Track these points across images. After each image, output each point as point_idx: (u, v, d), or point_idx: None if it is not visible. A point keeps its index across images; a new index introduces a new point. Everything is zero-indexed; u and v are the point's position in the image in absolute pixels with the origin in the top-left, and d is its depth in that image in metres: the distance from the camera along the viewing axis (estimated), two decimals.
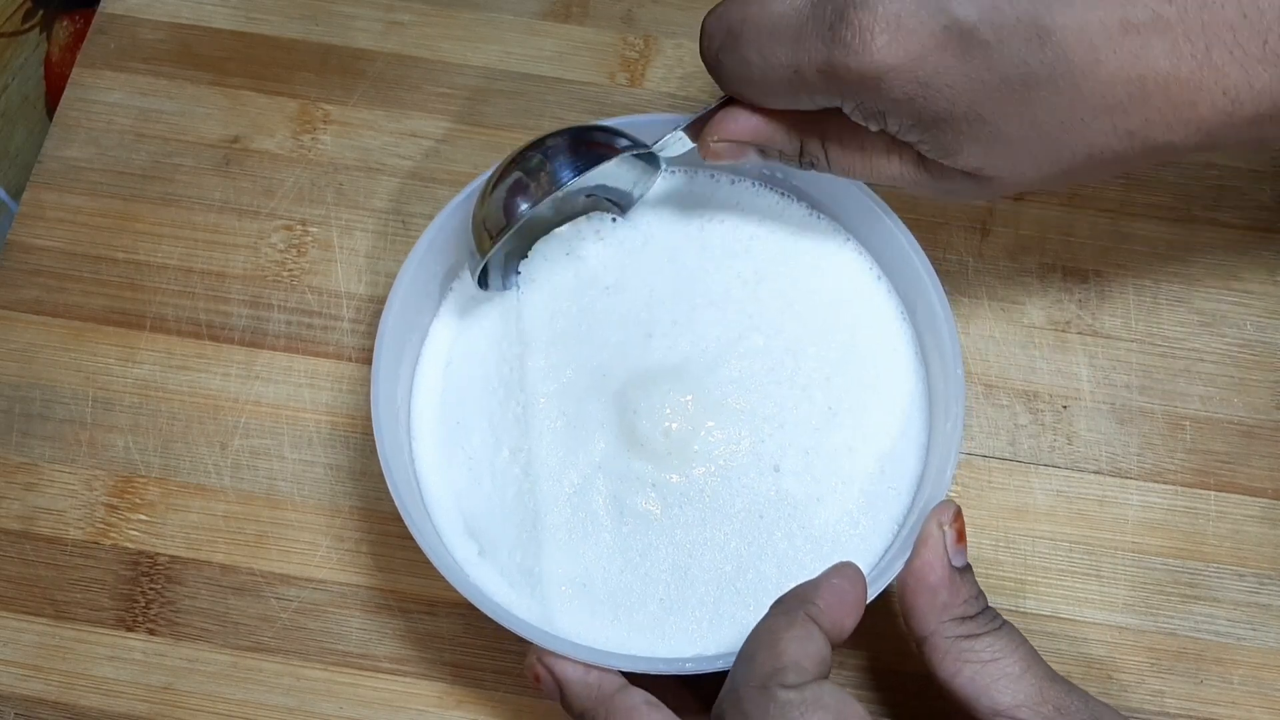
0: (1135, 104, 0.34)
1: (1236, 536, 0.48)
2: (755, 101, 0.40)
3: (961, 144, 0.36)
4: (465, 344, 0.46)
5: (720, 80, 0.40)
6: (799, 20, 0.36)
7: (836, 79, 0.36)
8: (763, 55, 0.37)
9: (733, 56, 0.38)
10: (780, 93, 0.38)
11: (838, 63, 0.35)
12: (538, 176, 0.42)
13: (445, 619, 0.47)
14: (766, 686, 0.34)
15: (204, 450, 0.49)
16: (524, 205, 0.42)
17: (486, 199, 0.42)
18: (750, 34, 0.37)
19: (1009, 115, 0.35)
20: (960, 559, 0.39)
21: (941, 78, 0.35)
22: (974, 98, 0.35)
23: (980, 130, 0.35)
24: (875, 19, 0.34)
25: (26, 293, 0.52)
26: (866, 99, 0.36)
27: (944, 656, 0.38)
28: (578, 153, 0.42)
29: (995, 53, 0.34)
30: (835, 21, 0.35)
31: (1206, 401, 0.50)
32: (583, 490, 0.43)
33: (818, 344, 0.45)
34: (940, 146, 0.37)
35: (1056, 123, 0.35)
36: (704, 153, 0.42)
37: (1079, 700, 0.37)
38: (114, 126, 0.54)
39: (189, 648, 0.47)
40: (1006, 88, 0.34)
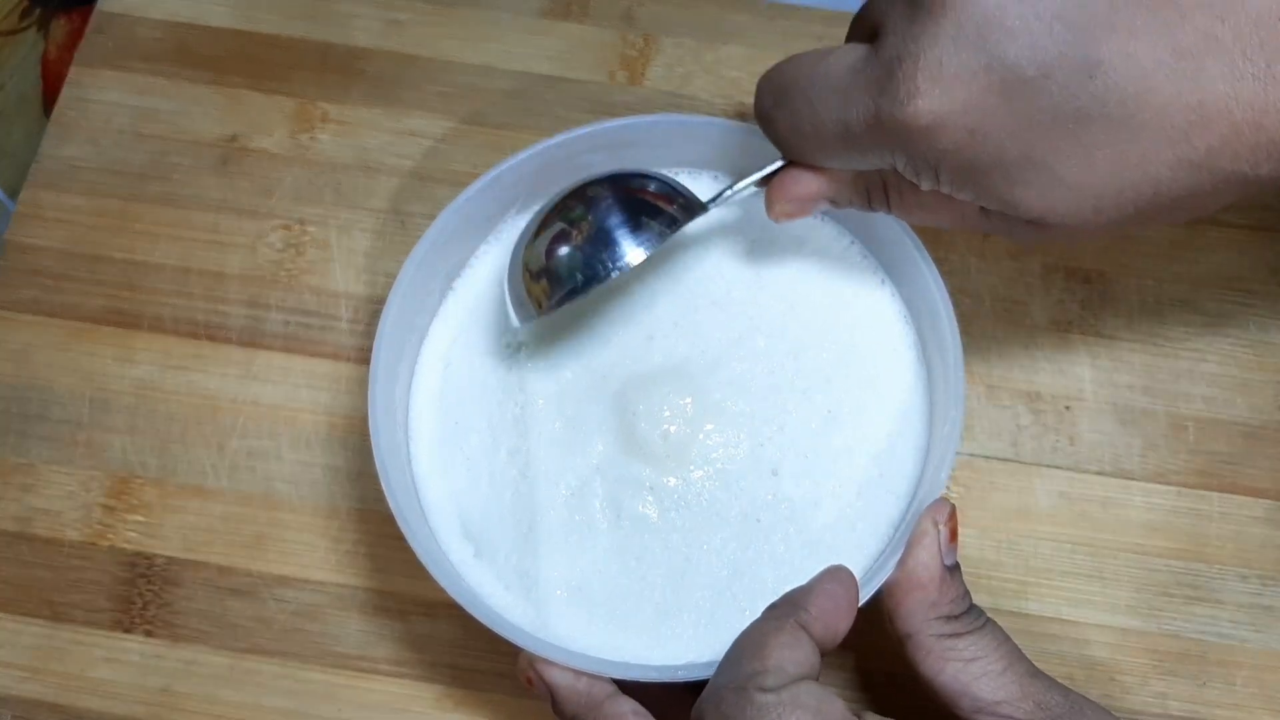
0: (1196, 131, 0.32)
1: (1240, 538, 0.48)
2: (809, 160, 0.39)
3: (1017, 193, 0.35)
4: (464, 344, 0.46)
5: (774, 139, 0.40)
6: (848, 77, 0.36)
7: (884, 132, 0.35)
8: (814, 113, 0.37)
9: (785, 115, 0.38)
10: (833, 150, 0.38)
11: (884, 115, 0.35)
12: (595, 263, 0.41)
13: (443, 621, 0.47)
14: (745, 688, 0.34)
15: (201, 451, 0.49)
16: (583, 282, 0.41)
17: (544, 265, 0.41)
18: (801, 92, 0.37)
19: (1063, 155, 0.34)
20: (951, 558, 0.39)
21: (989, 122, 0.34)
22: (1025, 140, 0.34)
23: (1035, 175, 0.34)
24: (918, 68, 0.33)
25: (24, 293, 0.52)
26: (916, 152, 0.35)
27: (927, 654, 0.38)
28: (637, 230, 0.41)
29: (1042, 90, 0.33)
30: (881, 75, 0.35)
31: (1210, 402, 0.49)
32: (580, 493, 0.43)
33: (819, 346, 0.45)
34: (997, 198, 0.35)
35: (1115, 159, 0.33)
36: (773, 215, 0.41)
37: (1059, 695, 0.38)
38: (111, 126, 0.54)
39: (187, 649, 0.47)
40: (1058, 126, 0.33)
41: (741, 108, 0.54)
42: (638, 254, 0.41)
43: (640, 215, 0.41)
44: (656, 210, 0.42)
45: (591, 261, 0.41)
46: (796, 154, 0.40)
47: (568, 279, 0.41)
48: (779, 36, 0.55)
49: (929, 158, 0.35)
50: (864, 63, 0.36)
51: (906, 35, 0.34)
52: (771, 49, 0.55)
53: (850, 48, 0.37)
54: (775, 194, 0.41)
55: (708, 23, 0.56)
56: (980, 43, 0.33)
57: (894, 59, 0.34)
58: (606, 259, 0.41)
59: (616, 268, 0.41)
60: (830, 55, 0.37)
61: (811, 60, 0.38)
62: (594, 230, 0.41)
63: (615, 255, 0.41)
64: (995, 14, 0.32)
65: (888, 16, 0.35)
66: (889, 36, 0.35)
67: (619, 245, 0.41)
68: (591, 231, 0.41)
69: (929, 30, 0.33)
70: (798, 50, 0.54)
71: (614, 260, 0.41)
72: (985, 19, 0.33)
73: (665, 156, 0.47)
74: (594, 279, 0.41)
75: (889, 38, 0.35)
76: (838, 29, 0.55)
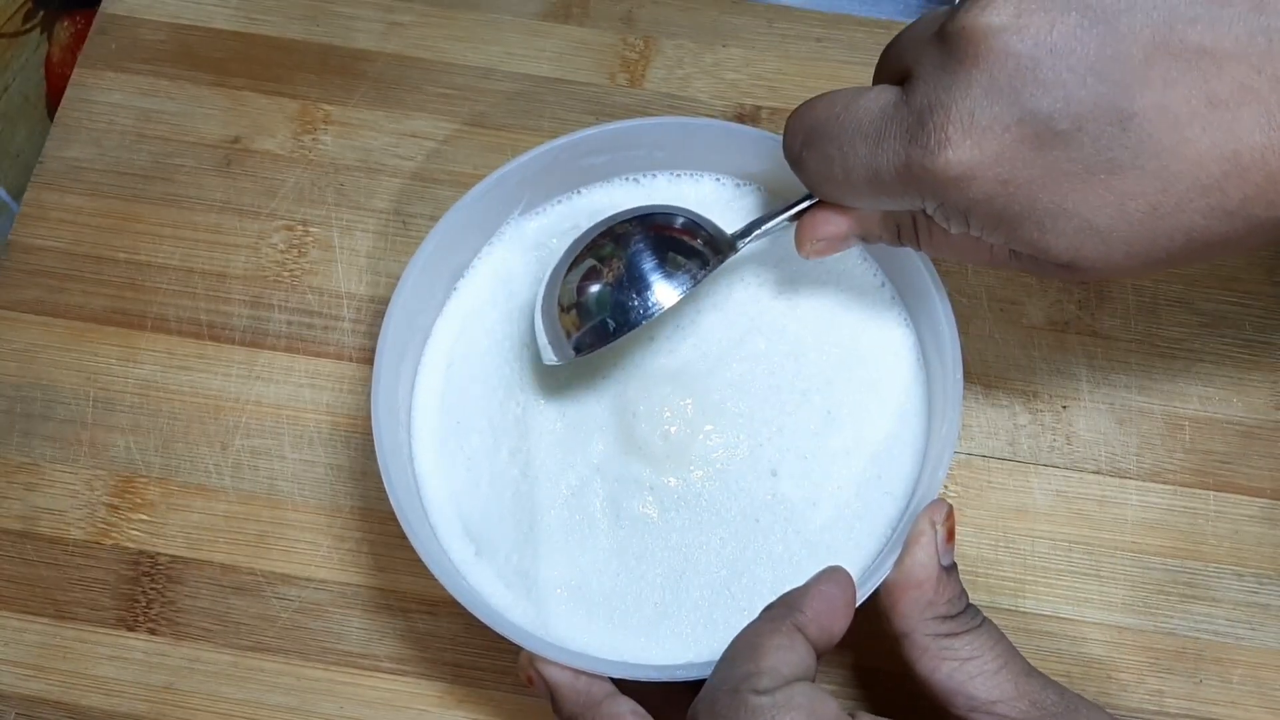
0: (1232, 181, 0.32)
1: (1235, 536, 0.48)
2: (838, 201, 0.39)
3: (1048, 239, 0.35)
4: (467, 344, 0.46)
5: (803, 178, 0.39)
6: (880, 122, 0.36)
7: (915, 180, 0.35)
8: (844, 155, 0.37)
9: (815, 156, 0.38)
10: (862, 193, 0.38)
11: (915, 163, 0.34)
12: (630, 309, 0.41)
13: (445, 619, 0.47)
14: (738, 690, 0.34)
15: (205, 450, 0.49)
16: (616, 328, 0.41)
17: (579, 305, 0.42)
18: (831, 137, 0.37)
19: (1095, 205, 0.33)
20: (948, 558, 0.39)
21: (1021, 172, 0.33)
22: (1057, 190, 0.34)
23: (1067, 223, 0.34)
24: (950, 118, 0.33)
25: (28, 293, 0.52)
26: (947, 200, 0.35)
27: (922, 653, 0.38)
28: (671, 273, 0.41)
29: (1075, 142, 0.33)
30: (913, 123, 0.34)
31: (1205, 402, 0.50)
32: (580, 493, 0.43)
33: (819, 347, 0.45)
34: (1028, 243, 0.35)
35: (1148, 209, 0.33)
36: (803, 253, 0.41)
37: (1054, 693, 0.38)
38: (115, 127, 0.54)
39: (190, 647, 0.47)
40: (1089, 177, 0.33)
41: (741, 109, 0.55)
42: (671, 297, 0.41)
43: (673, 256, 0.42)
44: (690, 250, 0.42)
45: (627, 307, 0.41)
46: (826, 196, 0.40)
47: (604, 324, 0.41)
48: (778, 39, 0.56)
49: (960, 206, 0.35)
50: (894, 108, 0.35)
51: (938, 84, 0.34)
52: (771, 51, 0.55)
53: (880, 90, 0.36)
54: (805, 232, 0.41)
55: (707, 25, 0.56)
56: (1013, 95, 0.33)
57: (925, 107, 0.34)
58: (641, 305, 0.41)
59: (651, 312, 0.41)
60: (860, 98, 0.37)
61: (841, 102, 0.37)
62: (629, 274, 0.41)
63: (649, 300, 0.41)
64: (1028, 66, 0.32)
65: (919, 63, 0.35)
66: (920, 83, 0.35)
67: (653, 290, 0.41)
68: (626, 276, 0.41)
69: (961, 80, 0.33)
70: (796, 52, 0.55)
71: (648, 306, 0.41)
72: (1018, 71, 0.32)
73: (666, 159, 0.47)
74: (629, 325, 0.41)
75: (920, 85, 0.34)
76: (836, 31, 0.56)
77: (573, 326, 0.42)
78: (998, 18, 0.33)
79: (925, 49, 0.35)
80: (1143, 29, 0.32)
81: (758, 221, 0.43)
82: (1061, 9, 0.32)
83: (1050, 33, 0.32)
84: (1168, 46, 0.32)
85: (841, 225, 0.40)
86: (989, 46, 0.33)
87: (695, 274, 0.42)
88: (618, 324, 0.41)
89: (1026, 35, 0.32)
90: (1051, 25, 0.32)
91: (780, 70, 0.55)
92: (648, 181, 0.48)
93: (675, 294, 0.41)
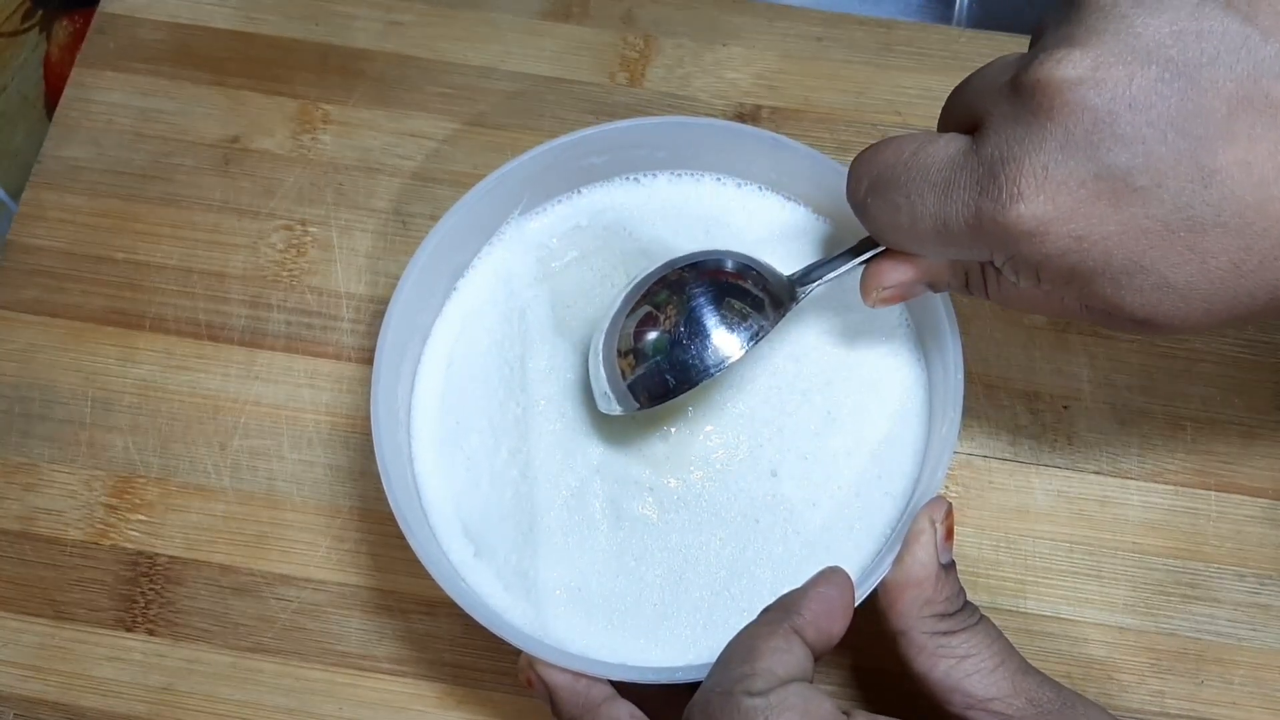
0: None
1: (1237, 537, 0.48)
2: (903, 249, 0.38)
3: (1123, 296, 0.34)
4: (467, 344, 0.46)
5: (867, 225, 0.39)
6: (949, 171, 0.35)
7: (985, 232, 0.34)
8: (911, 203, 0.36)
9: (880, 203, 0.37)
10: (928, 242, 0.37)
11: (986, 216, 0.34)
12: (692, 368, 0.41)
13: (445, 619, 0.47)
14: (732, 693, 0.34)
15: (203, 450, 0.49)
16: (677, 385, 0.41)
17: (637, 356, 0.41)
18: (898, 184, 0.36)
19: (1174, 263, 0.33)
20: (947, 556, 0.39)
21: (1097, 228, 0.32)
22: (1134, 247, 0.33)
23: (1143, 280, 0.33)
24: (1022, 172, 0.33)
25: (26, 293, 0.52)
26: (1019, 253, 0.34)
27: (920, 651, 0.38)
28: (734, 327, 0.41)
29: (1154, 198, 0.32)
30: (983, 175, 0.34)
31: (1207, 402, 0.50)
32: (580, 493, 0.43)
33: (819, 347, 0.45)
34: (1102, 299, 0.34)
35: (1229, 266, 0.32)
36: (869, 302, 0.40)
37: (1051, 691, 0.38)
38: (113, 126, 0.54)
39: (188, 648, 0.47)
40: (1169, 234, 0.32)
41: (741, 109, 0.54)
42: (736, 351, 0.41)
43: (736, 306, 0.41)
44: (754, 301, 0.41)
45: (688, 365, 0.41)
46: (892, 244, 0.39)
47: (664, 380, 0.41)
48: (778, 38, 0.56)
49: (1031, 260, 0.34)
50: (964, 157, 0.35)
51: (1010, 136, 0.33)
52: (771, 50, 0.55)
53: (949, 139, 0.36)
54: (871, 280, 0.40)
55: (707, 24, 0.56)
56: (1090, 149, 0.32)
57: (997, 159, 0.33)
58: (702, 361, 0.41)
59: (714, 369, 0.40)
60: (928, 145, 0.36)
61: (909, 149, 0.36)
62: (690, 328, 0.41)
63: (715, 356, 0.40)
64: (1106, 120, 0.32)
65: (990, 112, 0.34)
66: (991, 134, 0.34)
67: (717, 345, 0.41)
68: (688, 330, 0.41)
69: (1035, 133, 0.32)
70: (796, 51, 0.55)
71: (713, 362, 0.40)
72: (1095, 125, 0.32)
73: (667, 158, 0.47)
74: (691, 383, 0.41)
75: (992, 135, 0.34)
76: (837, 30, 0.56)
77: (635, 382, 0.41)
78: (1074, 70, 0.32)
79: (996, 99, 0.34)
80: (1225, 83, 0.31)
81: (819, 267, 0.42)
82: (1141, 62, 0.31)
83: (1129, 86, 0.31)
84: (1251, 101, 0.31)
85: (908, 273, 0.39)
86: (1064, 100, 0.32)
87: (758, 328, 0.41)
88: (678, 380, 0.41)
89: (1104, 89, 0.32)
90: (1130, 79, 0.31)
91: (781, 69, 0.55)
92: (648, 181, 0.48)
93: (740, 350, 0.41)
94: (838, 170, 0.45)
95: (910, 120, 0.54)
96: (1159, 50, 0.31)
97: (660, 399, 0.41)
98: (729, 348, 0.41)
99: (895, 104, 0.54)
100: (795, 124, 0.54)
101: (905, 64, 0.55)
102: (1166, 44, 0.31)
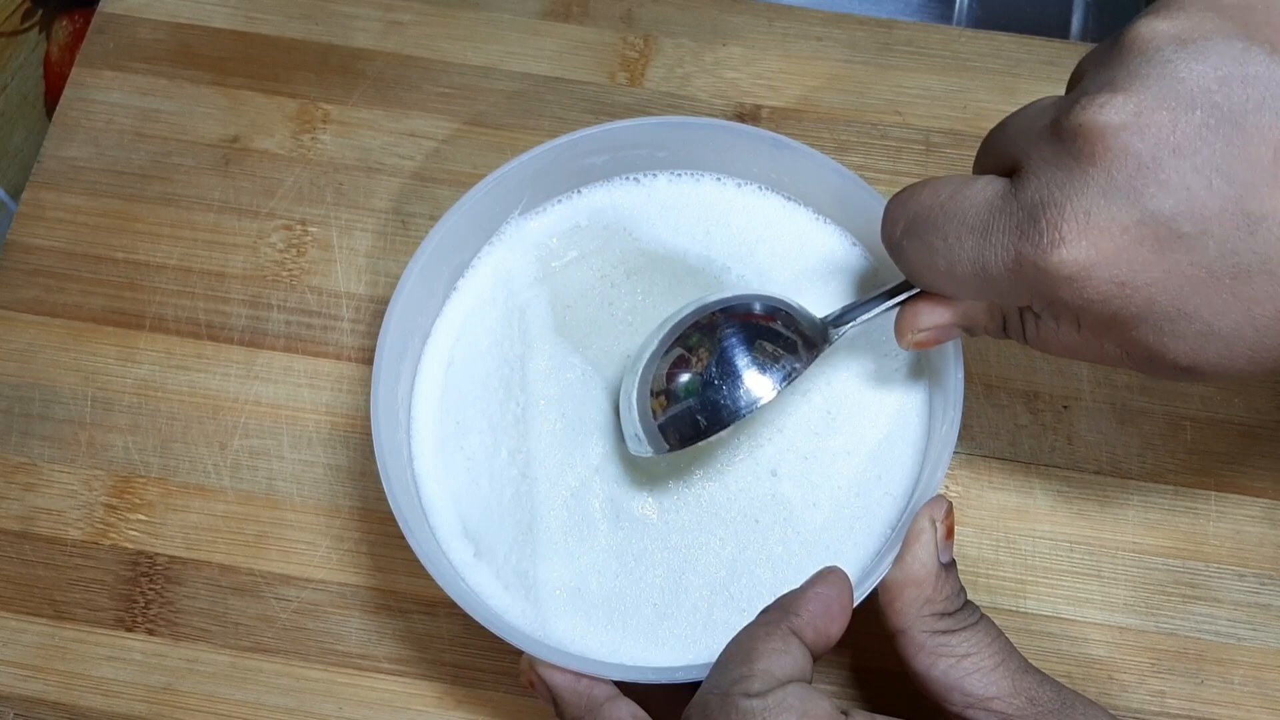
0: None
1: (1237, 537, 0.48)
2: (939, 291, 0.38)
3: (1166, 343, 0.33)
4: (467, 344, 0.46)
5: (903, 267, 0.38)
6: (987, 213, 0.34)
7: (1025, 277, 0.34)
8: (948, 246, 0.35)
9: (917, 244, 0.37)
10: (966, 285, 0.36)
11: (1026, 260, 0.33)
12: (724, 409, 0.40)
13: (444, 619, 0.47)
14: (729, 694, 0.34)
15: (203, 450, 0.49)
16: (708, 427, 0.40)
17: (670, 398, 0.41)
18: (936, 222, 0.36)
19: (1218, 310, 0.32)
20: (947, 555, 0.39)
21: (1140, 275, 0.32)
22: (1177, 293, 0.32)
23: (1187, 327, 0.33)
24: (1064, 216, 0.32)
25: (26, 292, 0.52)
26: (1059, 298, 0.34)
27: (919, 650, 0.38)
28: (766, 369, 0.40)
29: (1199, 245, 0.31)
30: (1023, 219, 0.33)
31: (1207, 402, 0.49)
32: (580, 493, 0.43)
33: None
34: (1144, 346, 0.34)
35: (1275, 314, 0.32)
36: (904, 345, 0.40)
37: (1051, 690, 0.38)
38: (113, 126, 0.54)
39: (188, 648, 0.47)
40: (1214, 281, 0.32)
41: (741, 108, 0.54)
42: (768, 393, 0.40)
43: (767, 349, 0.40)
44: (787, 343, 0.41)
45: (719, 405, 0.40)
46: (928, 286, 0.38)
47: (696, 421, 0.40)
48: (778, 37, 0.56)
49: (1072, 305, 0.34)
50: (1003, 200, 0.34)
51: (1051, 180, 0.33)
52: (771, 50, 0.55)
53: (987, 181, 0.35)
54: (906, 323, 0.40)
55: (707, 24, 0.56)
56: (1133, 195, 0.31)
57: (1038, 203, 0.33)
58: (736, 403, 0.40)
59: (746, 410, 0.40)
60: (966, 188, 0.35)
61: (946, 191, 0.36)
62: (722, 369, 0.40)
63: (746, 398, 0.40)
64: (1150, 166, 0.31)
65: (1029, 156, 0.34)
66: (1032, 177, 0.33)
67: (749, 389, 0.40)
68: (719, 370, 0.40)
69: (1077, 177, 0.32)
70: (796, 51, 0.55)
71: (746, 402, 0.40)
72: (1139, 171, 0.31)
73: (667, 158, 0.47)
74: (722, 424, 0.40)
75: (1032, 179, 0.33)
76: (837, 30, 0.56)
77: (667, 420, 0.41)
78: (1117, 115, 0.31)
79: (1036, 142, 0.34)
80: (1271, 128, 0.31)
81: (854, 309, 0.41)
82: (1185, 107, 0.31)
83: (1173, 132, 0.31)
84: None
85: (945, 316, 0.39)
86: (1107, 145, 0.31)
87: (790, 369, 0.40)
88: (710, 421, 0.40)
89: (1148, 134, 0.31)
90: (1175, 124, 0.31)
91: (781, 69, 0.55)
92: (648, 181, 0.48)
93: (772, 390, 0.40)
94: (838, 170, 0.45)
95: (910, 120, 0.54)
96: (1204, 95, 0.31)
97: (691, 440, 0.40)
98: (761, 389, 0.40)
99: (895, 104, 0.54)
100: (795, 124, 0.54)
101: (905, 64, 0.55)
102: (1211, 89, 0.31)
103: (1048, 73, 0.55)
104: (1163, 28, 0.32)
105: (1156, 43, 0.32)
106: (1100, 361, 0.37)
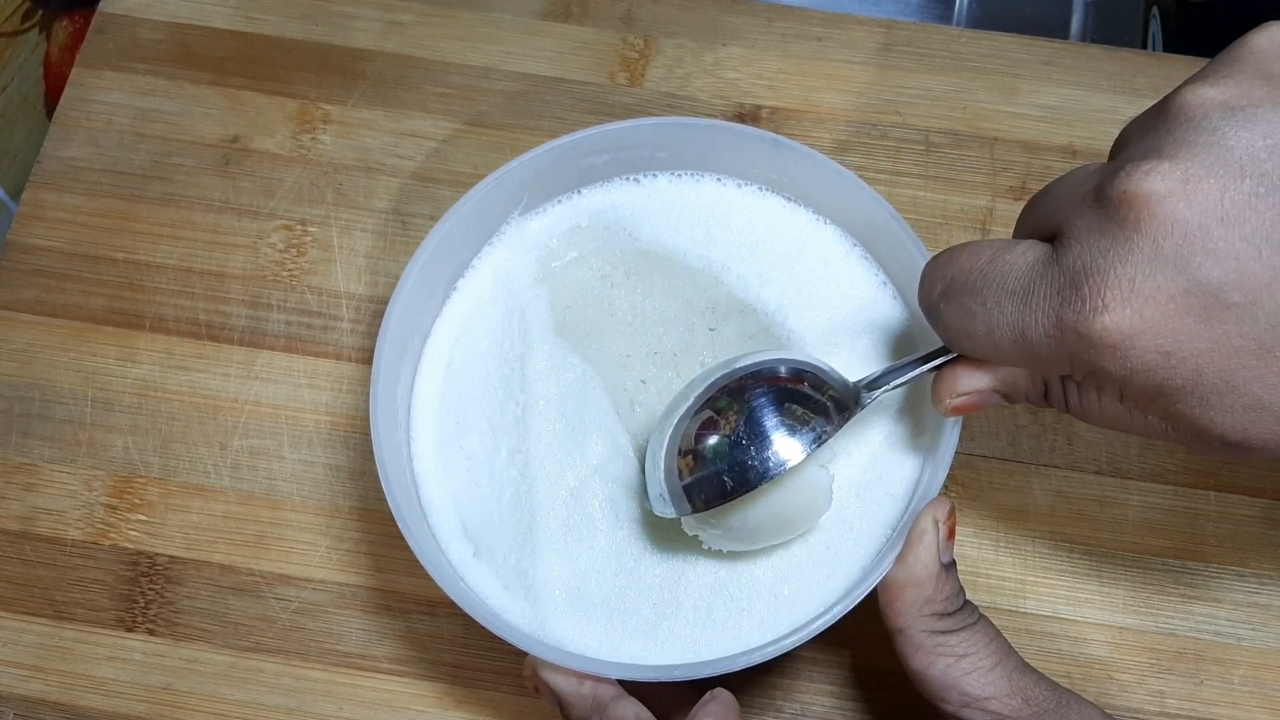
0: None
1: (1237, 537, 0.48)
2: (977, 356, 0.37)
3: (1213, 416, 0.32)
4: (467, 344, 0.46)
5: (940, 330, 0.37)
6: (1028, 278, 0.34)
7: (1066, 344, 0.33)
8: (987, 311, 0.35)
9: (955, 309, 0.36)
10: (1005, 351, 0.35)
11: (1068, 327, 0.32)
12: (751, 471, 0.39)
13: (445, 620, 0.47)
14: None
15: (203, 450, 0.49)
16: (735, 488, 0.39)
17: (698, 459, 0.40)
18: (974, 290, 0.35)
19: (1270, 383, 0.31)
20: (948, 555, 0.39)
21: (1186, 345, 0.31)
22: (1225, 365, 0.31)
23: (1235, 400, 0.32)
24: (1108, 283, 0.31)
25: (26, 293, 0.52)
26: (1101, 368, 0.33)
27: (917, 650, 0.38)
28: (795, 432, 0.39)
29: (1248, 315, 0.31)
30: (1065, 285, 0.32)
31: None
32: (579, 493, 0.43)
33: (820, 348, 0.45)
34: (1189, 419, 0.33)
35: None
36: (941, 410, 0.39)
37: (1047, 690, 0.38)
38: (113, 126, 0.54)
39: (189, 648, 0.47)
40: (1264, 353, 0.31)
41: (741, 109, 0.54)
42: (797, 455, 0.39)
43: (797, 412, 0.40)
44: (817, 406, 0.40)
45: (747, 466, 0.39)
46: (966, 351, 0.37)
47: (723, 483, 0.40)
48: (778, 38, 0.56)
49: (1115, 375, 0.33)
50: (1044, 266, 0.33)
51: (1094, 247, 0.32)
52: (771, 50, 0.55)
53: (1028, 246, 0.34)
54: (944, 388, 0.39)
55: (707, 24, 0.56)
56: (1180, 264, 0.31)
57: (1080, 269, 0.32)
58: (764, 465, 0.39)
59: (774, 472, 0.39)
60: (1006, 252, 0.35)
61: (986, 255, 0.35)
62: (750, 431, 0.40)
63: (774, 460, 0.39)
64: (1198, 235, 0.30)
65: (1072, 223, 0.33)
66: (1074, 244, 0.33)
67: (777, 452, 0.39)
68: (749, 434, 0.40)
69: (1121, 244, 0.31)
70: (796, 51, 0.55)
71: (773, 465, 0.39)
72: (1186, 239, 0.30)
73: (667, 159, 0.47)
74: (749, 486, 0.39)
75: (1074, 245, 0.33)
76: (837, 30, 0.56)
77: (693, 481, 0.40)
78: (1164, 183, 0.31)
79: (1079, 209, 0.33)
80: None
81: (889, 373, 0.41)
82: (1234, 175, 0.30)
83: (1222, 200, 0.30)
84: None
85: (984, 381, 0.38)
86: (1153, 212, 0.31)
87: (820, 432, 0.39)
88: (736, 483, 0.39)
89: (1195, 202, 0.30)
90: (1223, 192, 0.30)
91: (780, 69, 0.55)
92: (648, 181, 0.48)
93: (801, 452, 0.39)
94: (838, 171, 0.45)
95: (910, 120, 0.54)
96: (1253, 164, 0.30)
97: (717, 501, 0.40)
98: (789, 452, 0.39)
99: (895, 104, 0.54)
100: (795, 124, 0.54)
101: (905, 64, 0.55)
102: (1261, 157, 0.30)
103: (1047, 73, 0.55)
104: (1210, 94, 0.32)
105: (1204, 110, 0.32)
106: (1146, 435, 0.35)
